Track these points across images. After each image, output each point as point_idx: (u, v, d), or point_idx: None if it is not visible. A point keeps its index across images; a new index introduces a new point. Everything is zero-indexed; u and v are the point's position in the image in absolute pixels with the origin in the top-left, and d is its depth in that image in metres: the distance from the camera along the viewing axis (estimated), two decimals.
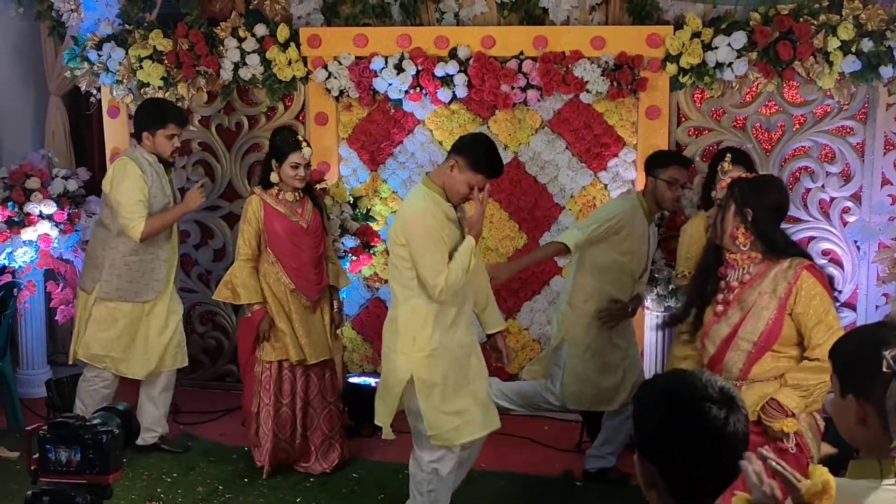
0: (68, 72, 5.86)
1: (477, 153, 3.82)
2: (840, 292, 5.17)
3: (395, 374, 3.89)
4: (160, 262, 4.85)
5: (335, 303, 4.88)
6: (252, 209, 4.61)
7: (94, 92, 5.93)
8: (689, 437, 1.61)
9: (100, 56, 5.73)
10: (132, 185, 4.66)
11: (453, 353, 3.87)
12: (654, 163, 4.58)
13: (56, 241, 5.53)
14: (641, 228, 4.52)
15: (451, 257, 3.77)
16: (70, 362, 4.99)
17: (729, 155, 3.96)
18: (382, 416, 3.99)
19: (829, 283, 3.35)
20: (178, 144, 4.87)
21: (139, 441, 4.74)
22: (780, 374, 3.32)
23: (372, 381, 5.41)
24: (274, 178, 4.59)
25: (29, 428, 1.81)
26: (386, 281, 5.68)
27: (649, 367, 5.08)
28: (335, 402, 4.86)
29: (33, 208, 5.41)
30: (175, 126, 4.79)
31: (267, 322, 4.62)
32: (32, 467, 1.78)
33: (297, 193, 4.65)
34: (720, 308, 3.40)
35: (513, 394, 4.86)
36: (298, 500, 4.52)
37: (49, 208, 5.45)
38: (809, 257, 3.49)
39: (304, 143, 4.59)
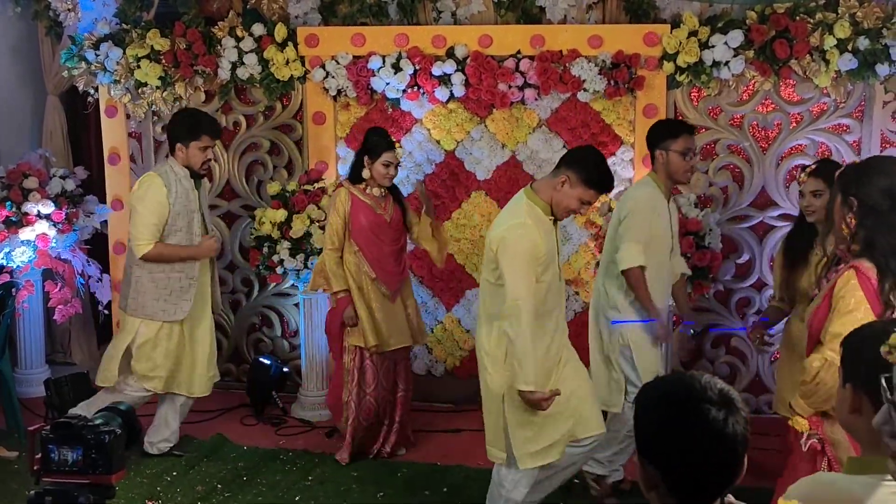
0: (66, 71, 5.86)
1: (590, 168, 3.67)
2: None
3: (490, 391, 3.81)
4: (189, 281, 4.76)
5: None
6: (340, 200, 4.79)
7: (92, 91, 5.93)
8: (689, 438, 1.62)
9: (97, 56, 5.73)
10: (151, 205, 4.63)
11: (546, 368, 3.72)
12: (662, 135, 4.29)
13: (54, 240, 5.52)
14: (661, 208, 4.26)
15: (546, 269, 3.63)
16: (102, 384, 4.86)
17: (808, 167, 3.86)
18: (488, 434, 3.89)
19: (875, 290, 2.86)
20: (210, 157, 4.80)
21: (154, 451, 4.82)
22: None
23: None
24: (365, 174, 4.76)
25: (31, 428, 1.82)
26: None
27: None
28: (407, 389, 5.01)
29: (31, 208, 5.41)
30: (209, 138, 4.73)
31: (351, 309, 4.79)
32: (35, 467, 1.79)
33: (382, 190, 4.82)
34: (815, 290, 3.26)
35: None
36: (297, 498, 4.52)
37: (47, 208, 5.45)
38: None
39: (397, 144, 4.90)
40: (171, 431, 4.95)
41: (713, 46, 5.05)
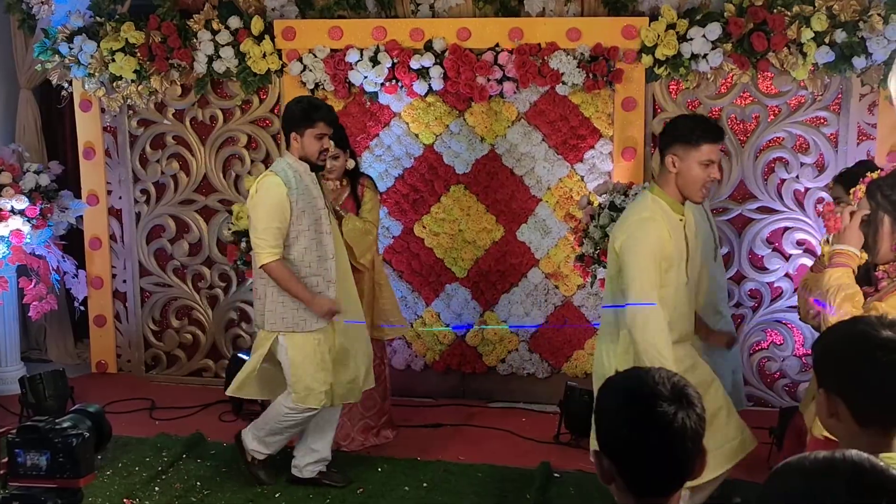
0: (39, 65, 5.79)
1: (684, 128, 3.37)
2: None
3: None
4: (327, 284, 4.24)
5: None
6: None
7: (66, 85, 5.87)
8: (638, 433, 1.64)
9: (71, 49, 5.67)
10: (270, 208, 4.13)
11: None
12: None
13: (28, 236, 5.46)
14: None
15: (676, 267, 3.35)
16: (229, 393, 4.58)
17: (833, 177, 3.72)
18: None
19: None
20: (327, 146, 4.27)
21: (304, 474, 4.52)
22: None
23: None
24: (350, 165, 4.74)
25: None
26: None
27: None
28: (383, 380, 4.98)
29: (4, 203, 5.34)
30: (325, 125, 4.20)
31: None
32: (1, 472, 1.76)
33: (337, 181, 4.75)
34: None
35: None
36: (277, 495, 4.50)
37: (21, 203, 5.39)
38: None
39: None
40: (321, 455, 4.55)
41: (691, 39, 5.05)
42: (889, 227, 2.77)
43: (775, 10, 4.97)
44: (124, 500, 4.39)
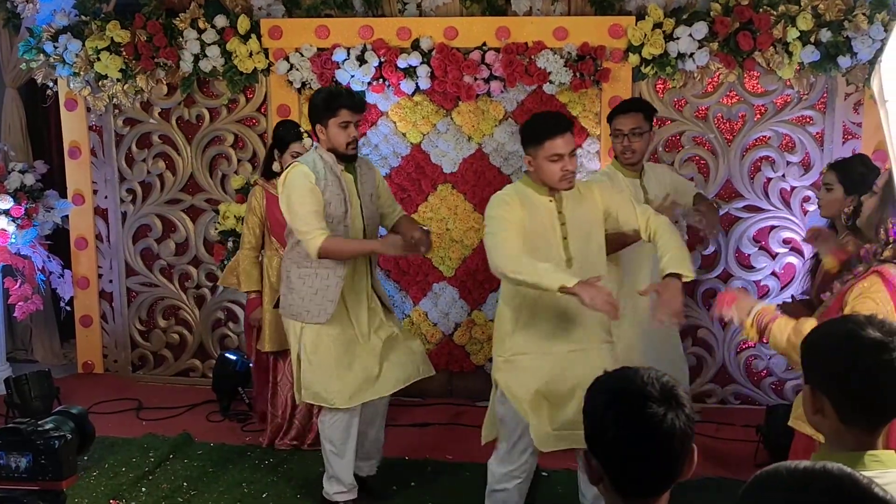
0: (24, 64, 5.76)
1: (528, 129, 3.60)
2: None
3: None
4: (336, 279, 4.07)
5: None
6: (256, 199, 4.80)
7: (51, 84, 5.84)
8: (627, 433, 1.64)
9: (56, 48, 5.64)
10: (303, 194, 3.98)
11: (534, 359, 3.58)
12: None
13: (13, 236, 5.44)
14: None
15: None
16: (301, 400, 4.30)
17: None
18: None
19: None
20: (355, 134, 4.05)
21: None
22: None
23: None
24: (276, 167, 4.69)
25: None
26: None
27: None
28: None
29: None
30: (348, 112, 4.01)
31: (258, 312, 4.82)
32: None
33: None
34: (826, 294, 2.98)
35: None
36: (264, 495, 4.49)
37: (6, 203, 5.36)
38: None
39: (304, 135, 4.68)
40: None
41: (678, 38, 5.07)
42: (877, 208, 2.77)
43: (761, 10, 4.99)
44: (111, 501, 4.37)
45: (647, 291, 3.56)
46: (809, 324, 2.69)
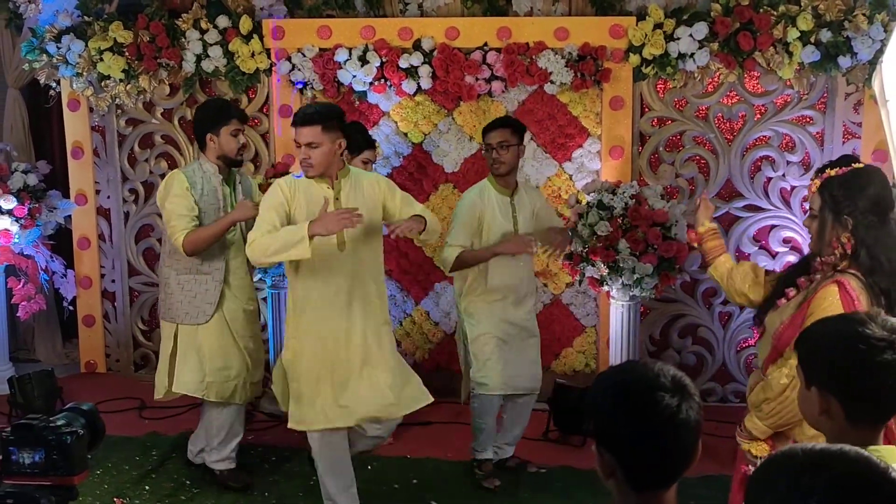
0: (27, 64, 5.78)
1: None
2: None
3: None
4: (215, 283, 4.40)
5: None
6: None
7: (54, 85, 5.85)
8: (642, 425, 1.64)
9: (59, 48, 5.65)
10: (176, 197, 4.29)
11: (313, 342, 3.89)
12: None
13: (17, 236, 5.45)
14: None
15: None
16: (156, 397, 4.63)
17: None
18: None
19: (854, 307, 2.69)
20: (243, 141, 4.45)
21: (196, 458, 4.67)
22: None
23: None
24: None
25: None
26: None
27: (614, 355, 5.13)
28: None
29: None
30: (238, 121, 4.40)
31: None
32: None
33: None
34: (782, 301, 3.01)
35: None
36: (266, 493, 4.51)
37: (9, 203, 5.37)
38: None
39: (376, 143, 4.92)
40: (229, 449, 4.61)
41: (678, 38, 5.09)
42: (831, 225, 2.81)
43: (761, 10, 5.01)
44: (114, 500, 4.39)
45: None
46: (746, 266, 3.26)
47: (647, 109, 5.40)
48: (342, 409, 3.89)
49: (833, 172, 2.88)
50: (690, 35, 5.06)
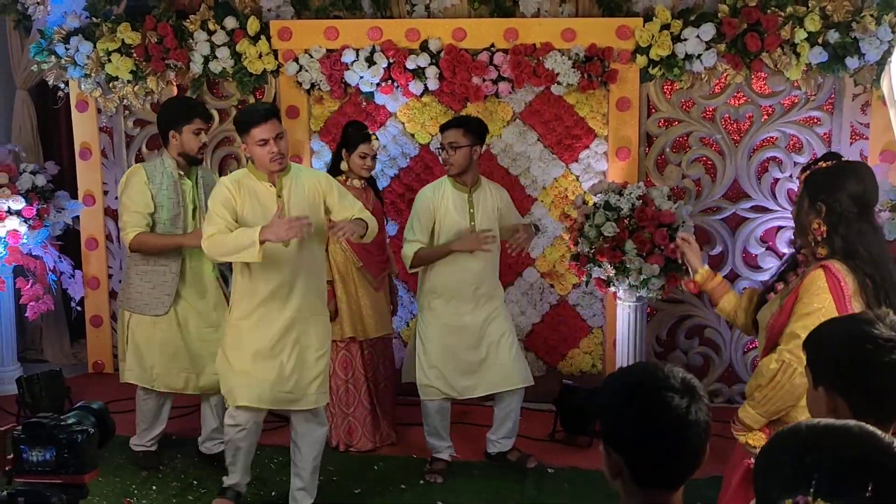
0: (35, 66, 5.80)
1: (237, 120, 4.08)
2: None
3: None
4: (172, 275, 4.56)
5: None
6: None
7: (62, 86, 5.87)
8: (651, 426, 1.64)
9: (67, 49, 5.67)
10: (133, 194, 4.49)
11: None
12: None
13: (25, 236, 5.47)
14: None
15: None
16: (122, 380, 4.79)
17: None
18: None
19: (843, 291, 2.78)
20: (205, 140, 4.63)
21: (202, 449, 4.81)
22: None
23: None
24: (343, 166, 4.85)
25: (3, 428, 1.80)
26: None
27: (621, 356, 5.13)
28: (390, 377, 5.11)
29: (1, 204, 5.35)
30: (201, 120, 4.59)
31: (334, 303, 4.83)
32: (6, 468, 1.77)
33: (362, 182, 4.89)
34: (770, 295, 3.10)
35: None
36: (273, 493, 4.52)
37: (17, 204, 5.39)
38: (879, 265, 2.87)
39: (373, 136, 4.92)
40: (212, 430, 4.81)
41: (685, 40, 5.08)
42: (807, 209, 2.92)
43: (769, 11, 5.01)
44: (123, 500, 4.41)
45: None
46: (746, 295, 3.26)
47: (653, 110, 5.40)
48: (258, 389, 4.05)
49: (823, 165, 2.98)
50: (697, 36, 5.06)
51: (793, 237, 3.12)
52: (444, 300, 4.60)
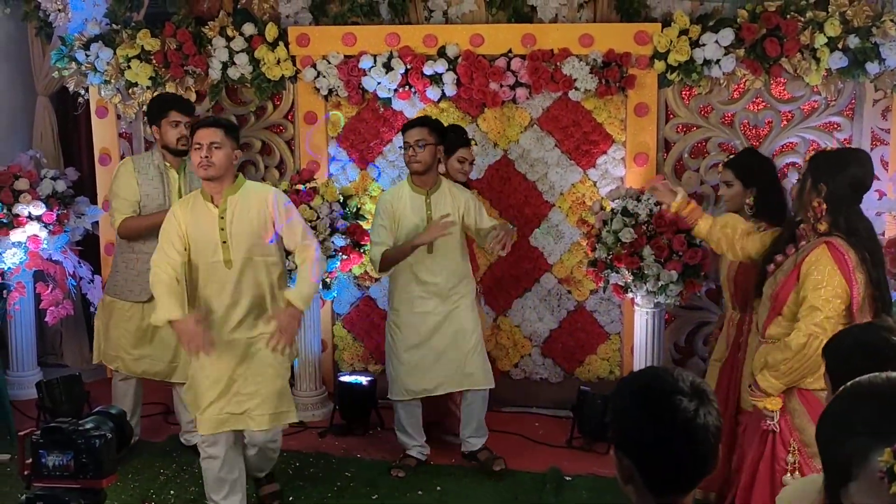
0: (56, 72, 5.84)
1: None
2: None
3: None
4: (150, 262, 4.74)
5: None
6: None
7: (82, 92, 5.91)
8: (661, 430, 1.64)
9: (87, 56, 5.71)
10: (120, 184, 4.79)
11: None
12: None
13: (45, 242, 5.50)
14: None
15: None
16: (94, 362, 5.16)
17: (724, 160, 4.25)
18: None
19: (848, 264, 3.14)
20: (184, 132, 4.75)
21: (183, 441, 4.96)
22: None
23: (363, 379, 5.42)
24: (441, 169, 4.84)
25: (22, 433, 1.81)
26: (377, 279, 5.71)
27: (639, 363, 5.11)
28: None
29: (22, 209, 5.38)
30: (178, 113, 4.78)
31: None
32: (25, 472, 1.78)
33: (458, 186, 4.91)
34: (771, 267, 3.44)
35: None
36: (290, 499, 4.52)
37: (38, 209, 5.43)
38: (874, 243, 3.29)
39: (473, 142, 5.03)
40: (187, 421, 4.95)
41: (704, 45, 5.06)
42: (809, 189, 3.24)
43: (788, 16, 4.98)
44: (141, 503, 4.42)
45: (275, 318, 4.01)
46: (727, 218, 3.85)
47: (671, 116, 5.38)
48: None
49: (829, 149, 3.42)
50: (716, 41, 5.03)
51: (792, 212, 3.46)
52: (415, 297, 4.68)
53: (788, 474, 3.17)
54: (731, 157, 4.31)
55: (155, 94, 5.52)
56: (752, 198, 4.07)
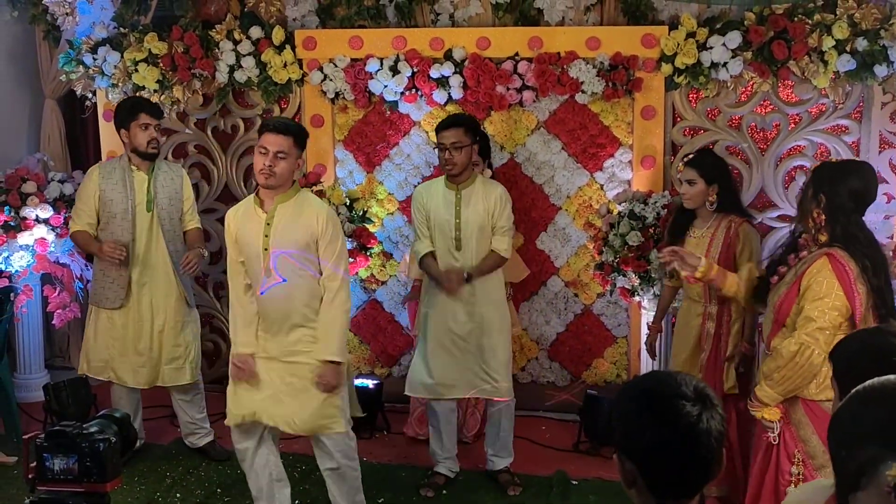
0: (63, 75, 5.85)
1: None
2: None
3: None
4: (124, 270, 4.80)
5: None
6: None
7: (90, 95, 5.92)
8: (663, 434, 1.64)
9: (95, 59, 5.73)
10: (83, 191, 4.84)
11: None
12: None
13: (52, 245, 5.52)
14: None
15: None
16: (78, 372, 4.99)
17: (685, 158, 4.28)
18: None
19: (849, 275, 3.14)
20: (154, 135, 4.79)
21: (188, 444, 5.01)
22: None
23: (370, 382, 5.41)
24: (478, 170, 4.78)
25: (26, 436, 1.81)
26: (383, 282, 5.70)
27: (645, 366, 5.09)
28: None
29: (29, 212, 5.40)
30: (146, 116, 4.77)
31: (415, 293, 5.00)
32: (30, 475, 1.78)
33: None
34: (775, 278, 3.46)
35: None
36: (296, 502, 4.51)
37: (45, 212, 5.45)
38: (875, 250, 3.26)
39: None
40: (184, 425, 5.02)
41: (711, 48, 5.05)
42: (809, 198, 3.28)
43: (796, 19, 4.96)
44: None
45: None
46: (745, 270, 3.78)
47: (679, 119, 5.37)
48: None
49: (834, 160, 3.47)
50: (723, 44, 5.02)
51: (794, 222, 3.48)
52: (434, 305, 4.58)
53: (793, 486, 3.15)
54: (691, 156, 4.30)
55: (122, 99, 5.44)
56: (715, 194, 4.13)
